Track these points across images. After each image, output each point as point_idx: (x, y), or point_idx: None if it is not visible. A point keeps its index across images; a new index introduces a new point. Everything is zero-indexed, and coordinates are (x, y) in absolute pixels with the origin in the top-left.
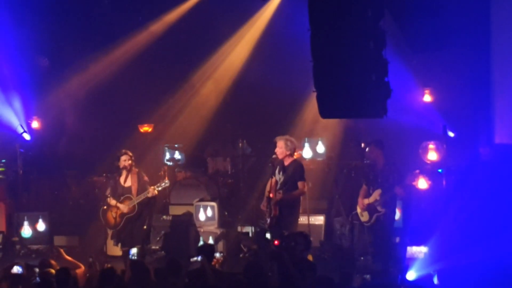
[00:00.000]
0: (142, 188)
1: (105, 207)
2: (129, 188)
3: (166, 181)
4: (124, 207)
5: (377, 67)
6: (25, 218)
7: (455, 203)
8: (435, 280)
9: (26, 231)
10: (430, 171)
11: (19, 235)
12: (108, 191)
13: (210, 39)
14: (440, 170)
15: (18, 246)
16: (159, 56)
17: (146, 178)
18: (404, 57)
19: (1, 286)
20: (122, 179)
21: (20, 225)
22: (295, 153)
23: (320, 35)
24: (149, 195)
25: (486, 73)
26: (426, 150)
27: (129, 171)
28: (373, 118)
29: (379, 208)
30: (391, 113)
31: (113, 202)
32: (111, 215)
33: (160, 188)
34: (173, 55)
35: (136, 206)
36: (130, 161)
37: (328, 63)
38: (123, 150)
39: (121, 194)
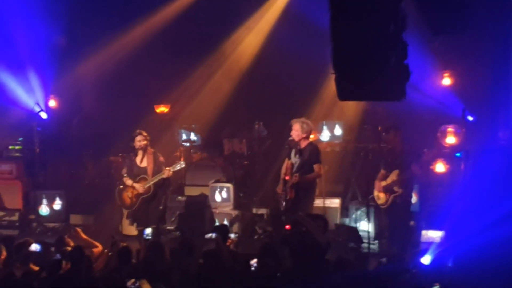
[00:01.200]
0: (157, 168)
1: (121, 186)
2: (145, 168)
3: (182, 162)
4: (139, 187)
5: (396, 50)
6: (43, 196)
7: (473, 187)
8: (450, 264)
9: (44, 209)
10: (448, 155)
11: (36, 213)
12: (124, 171)
13: (229, 20)
14: (458, 154)
15: (34, 224)
16: (177, 37)
17: (161, 158)
18: (424, 40)
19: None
20: (138, 160)
21: (38, 203)
22: (311, 136)
23: (339, 17)
24: (164, 176)
25: (506, 56)
26: (444, 134)
27: (144, 151)
28: (391, 101)
29: (395, 189)
30: (410, 96)
31: (129, 182)
32: (127, 195)
33: (175, 169)
34: (191, 36)
35: (152, 186)
36: (145, 141)
37: (347, 45)
38: (138, 131)
39: (137, 174)
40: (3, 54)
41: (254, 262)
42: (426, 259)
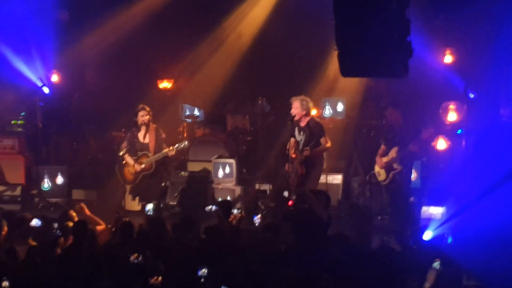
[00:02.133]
0: (159, 145)
1: (123, 162)
2: (147, 144)
3: (185, 142)
4: (138, 167)
5: (399, 27)
6: (46, 171)
7: (474, 164)
8: (450, 240)
9: (46, 184)
10: (449, 131)
11: (38, 188)
12: (124, 145)
13: None
14: (459, 131)
15: (36, 199)
16: (180, 11)
17: (163, 135)
18: (426, 17)
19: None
20: (140, 135)
21: (40, 178)
22: (313, 112)
23: None
24: (168, 154)
25: (508, 33)
26: (446, 111)
27: (147, 127)
28: (394, 77)
29: (395, 166)
30: (412, 73)
31: (130, 161)
32: (128, 171)
33: (178, 149)
34: (194, 11)
35: (154, 163)
36: (148, 117)
37: (351, 22)
38: (141, 105)
39: (139, 150)
40: (6, 29)
41: (258, 218)
42: (427, 235)
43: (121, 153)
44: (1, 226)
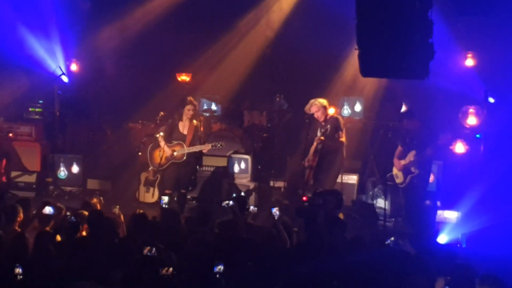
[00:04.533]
0: (194, 140)
1: (161, 142)
2: (185, 136)
3: (222, 143)
4: (169, 150)
5: (422, 28)
6: (62, 159)
7: (492, 169)
8: (464, 245)
9: (62, 172)
10: (468, 135)
11: (54, 176)
12: (162, 128)
13: None
14: (478, 135)
15: (51, 187)
16: (201, 5)
17: (202, 130)
18: (449, 19)
19: (34, 225)
20: (181, 126)
21: (56, 166)
22: (331, 110)
23: None
24: (204, 151)
25: None
26: (466, 115)
27: (190, 120)
28: (414, 79)
29: (412, 169)
30: (432, 75)
31: (162, 143)
32: (158, 154)
33: (214, 147)
34: (216, 5)
35: (185, 155)
36: (192, 112)
37: (373, 22)
38: (189, 99)
39: (175, 138)
40: (28, 16)
41: (276, 210)
42: (441, 239)
43: (157, 135)
44: (17, 212)
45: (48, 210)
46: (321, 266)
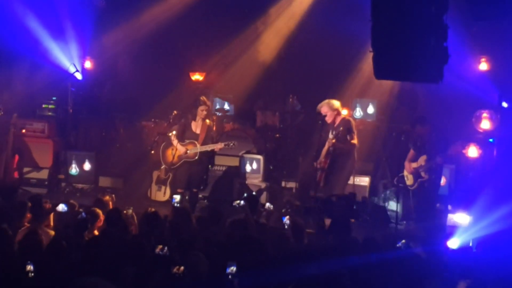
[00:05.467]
0: (207, 139)
1: (174, 141)
2: (197, 135)
3: (235, 142)
4: (181, 149)
5: (436, 32)
6: (74, 157)
7: (505, 173)
8: (474, 249)
9: (74, 169)
10: (481, 140)
11: (66, 173)
12: (175, 127)
13: None
14: (491, 140)
15: (63, 184)
16: (216, 4)
17: (214, 129)
18: (464, 23)
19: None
20: (194, 125)
21: (68, 163)
22: (344, 112)
23: None
24: (215, 149)
25: None
26: (479, 119)
27: (203, 120)
28: (428, 82)
29: (422, 174)
30: (446, 79)
31: (175, 141)
32: (171, 153)
33: (226, 146)
34: (231, 5)
35: (198, 153)
36: (205, 112)
37: (388, 24)
38: (203, 99)
39: (188, 137)
40: (43, 14)
41: (287, 219)
42: (452, 243)
43: (170, 134)
44: (26, 209)
45: (61, 207)
46: (332, 267)
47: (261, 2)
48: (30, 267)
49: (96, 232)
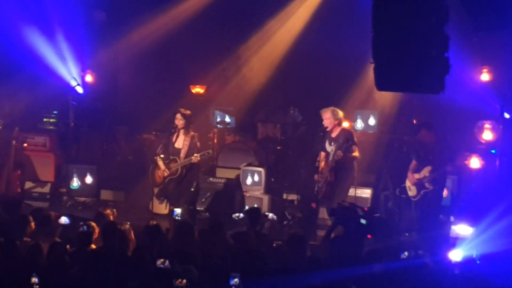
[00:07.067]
0: (190, 152)
1: (159, 162)
2: (179, 150)
3: (210, 151)
4: (163, 171)
5: (437, 42)
6: (75, 170)
7: (507, 184)
8: (478, 261)
9: (75, 183)
10: (484, 151)
11: (67, 186)
12: (159, 148)
13: (269, 4)
14: (493, 151)
15: (65, 197)
16: (216, 18)
17: (198, 144)
18: (465, 34)
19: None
20: (175, 139)
21: (70, 177)
22: (345, 124)
23: (381, 6)
24: (192, 161)
25: None
26: (481, 130)
27: (184, 132)
28: (429, 93)
29: (427, 185)
30: (448, 90)
31: (160, 163)
32: (158, 174)
33: (203, 157)
34: (231, 18)
35: (179, 168)
36: (182, 121)
37: (388, 35)
38: (179, 109)
39: (171, 154)
40: (44, 27)
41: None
42: (455, 254)
43: (155, 157)
44: (28, 222)
45: (64, 220)
46: (336, 278)
47: (260, 15)
48: (35, 280)
49: (93, 246)
